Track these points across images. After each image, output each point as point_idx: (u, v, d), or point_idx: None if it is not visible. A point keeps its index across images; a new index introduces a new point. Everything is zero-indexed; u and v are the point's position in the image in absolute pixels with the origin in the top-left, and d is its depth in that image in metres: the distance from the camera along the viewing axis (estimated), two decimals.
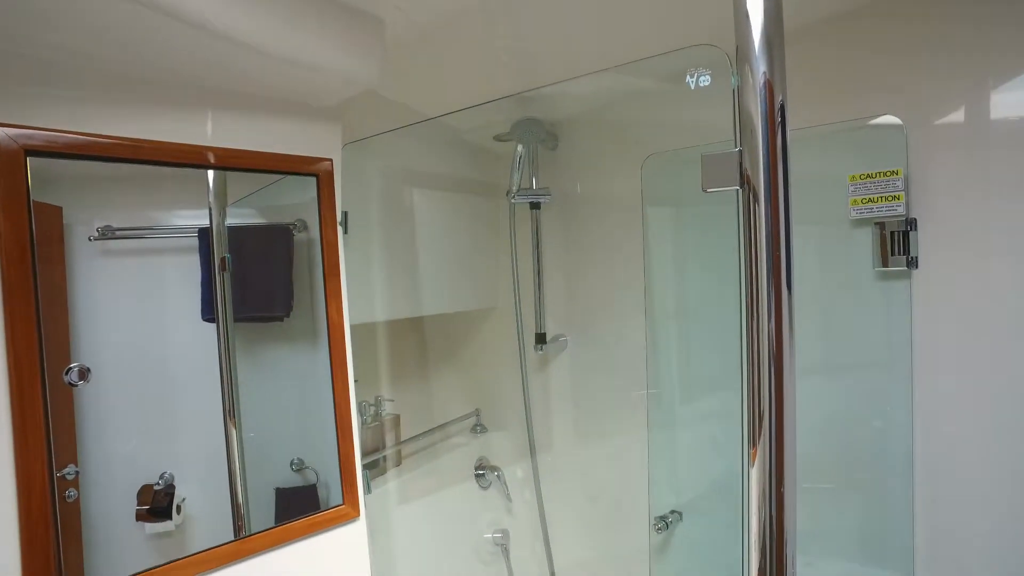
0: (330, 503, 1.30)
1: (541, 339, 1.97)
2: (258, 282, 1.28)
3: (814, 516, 1.52)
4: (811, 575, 1.55)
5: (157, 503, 1.11)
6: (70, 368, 0.97)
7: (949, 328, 1.29)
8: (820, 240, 1.46)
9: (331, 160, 1.33)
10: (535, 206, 1.97)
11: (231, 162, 1.17)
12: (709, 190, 0.70)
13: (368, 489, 1.49)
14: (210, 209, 1.19)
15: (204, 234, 1.19)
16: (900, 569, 1.38)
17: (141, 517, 1.09)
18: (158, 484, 1.11)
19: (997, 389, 1.24)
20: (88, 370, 0.99)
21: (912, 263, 1.28)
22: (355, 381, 1.40)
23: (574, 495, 2.08)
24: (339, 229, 1.35)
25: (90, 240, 1.05)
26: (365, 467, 1.52)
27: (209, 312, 1.19)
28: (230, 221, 1.22)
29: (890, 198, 1.28)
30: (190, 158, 1.11)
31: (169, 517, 1.11)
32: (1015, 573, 1.25)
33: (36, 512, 0.92)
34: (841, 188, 1.35)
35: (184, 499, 1.13)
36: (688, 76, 1.23)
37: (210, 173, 1.17)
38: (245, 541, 1.16)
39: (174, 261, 1.17)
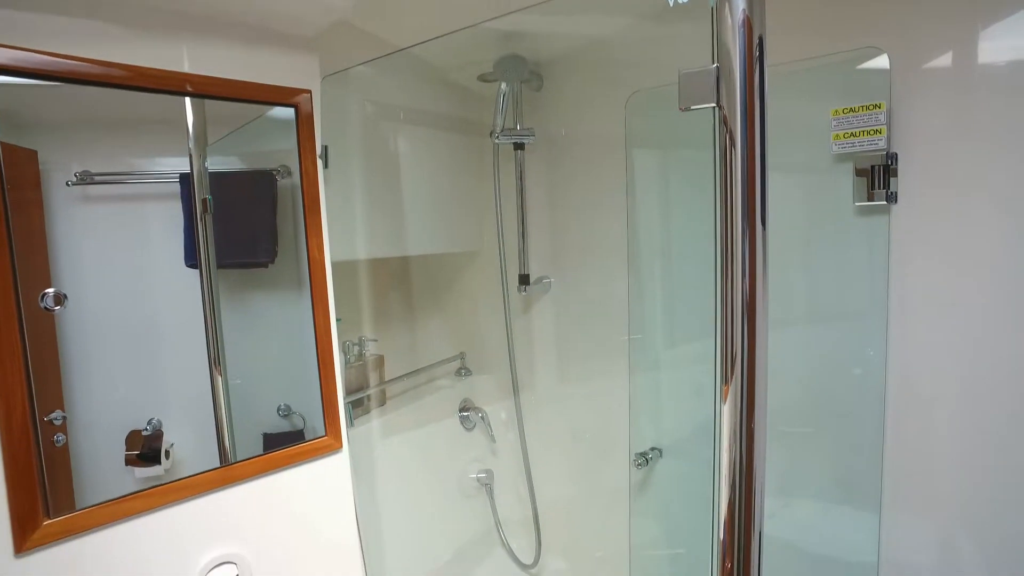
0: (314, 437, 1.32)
1: (524, 280, 1.97)
2: (241, 228, 1.27)
3: (792, 459, 1.56)
4: (787, 514, 1.59)
5: (146, 448, 1.11)
6: (45, 293, 0.97)
7: (926, 268, 1.30)
8: (801, 177, 1.46)
9: (310, 92, 1.31)
10: (519, 147, 1.95)
11: (208, 90, 1.14)
12: (686, 108, 0.69)
13: (351, 423, 1.51)
14: (190, 153, 1.17)
15: (186, 180, 1.17)
16: (869, 508, 1.43)
17: (131, 462, 1.10)
18: (146, 430, 1.12)
19: (970, 331, 1.26)
20: (64, 296, 0.99)
21: (891, 198, 1.29)
22: (337, 320, 1.40)
23: (557, 435, 2.12)
24: (319, 163, 1.34)
25: (68, 185, 1.03)
26: (349, 404, 1.54)
27: (192, 258, 1.18)
28: (212, 167, 1.20)
29: (872, 132, 1.28)
30: (167, 84, 1.09)
31: (158, 462, 1.12)
32: (973, 512, 1.30)
33: (18, 445, 0.92)
34: (824, 124, 1.35)
35: (172, 444, 1.14)
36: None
37: (189, 117, 1.15)
38: (230, 468, 1.18)
39: (156, 207, 1.16)
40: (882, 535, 1.42)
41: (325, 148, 1.37)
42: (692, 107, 0.69)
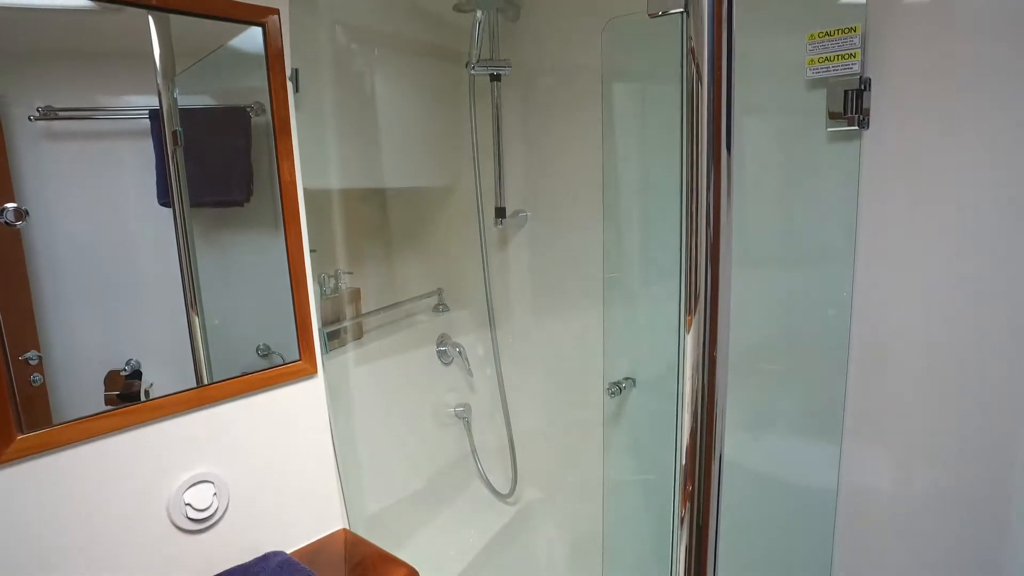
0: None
1: (501, 213, 1.97)
2: (214, 165, 1.24)
3: (762, 396, 1.61)
4: (755, 447, 1.65)
5: (125, 388, 1.11)
6: (4, 208, 0.95)
7: (894, 200, 1.32)
8: (775, 104, 1.46)
9: (277, 11, 1.27)
10: (495, 78, 1.92)
11: (173, 3, 1.11)
12: (655, 14, 0.68)
13: (326, 349, 1.52)
14: (158, 87, 1.13)
15: (156, 116, 1.14)
16: (831, 440, 1.48)
17: (110, 402, 1.09)
18: (124, 370, 1.12)
19: (933, 268, 1.29)
20: (26, 212, 0.97)
21: (863, 123, 1.30)
22: (312, 251, 1.39)
23: (533, 368, 2.15)
24: (289, 85, 1.31)
25: (31, 120, 1.00)
26: (324, 333, 1.54)
27: (165, 196, 1.16)
28: (183, 103, 1.17)
29: (846, 56, 1.28)
30: None
31: (138, 401, 1.12)
32: (926, 443, 1.36)
33: None
34: (799, 50, 1.34)
35: (152, 384, 1.14)
36: None
37: (155, 47, 1.11)
38: (205, 389, 1.18)
39: (127, 145, 1.12)
40: (842, 464, 1.48)
41: (295, 71, 1.34)
42: (661, 12, 0.68)
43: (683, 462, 0.60)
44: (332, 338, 1.71)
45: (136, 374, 1.13)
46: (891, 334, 1.37)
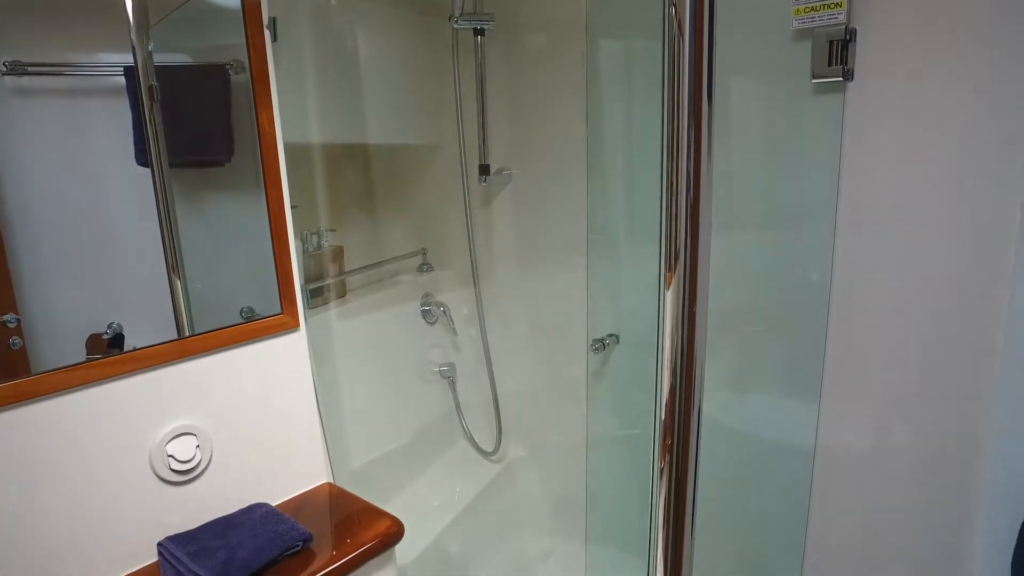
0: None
1: (485, 171, 1.96)
2: (193, 124, 1.21)
3: (745, 356, 1.63)
4: (737, 406, 1.67)
5: (107, 352, 1.10)
6: None
7: (878, 153, 1.32)
8: (760, 56, 1.45)
9: None
10: (479, 32, 1.89)
11: None
12: None
13: (309, 305, 1.51)
14: (132, 42, 1.10)
15: (131, 73, 1.10)
16: (810, 400, 1.51)
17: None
18: (107, 333, 1.10)
19: (918, 221, 1.30)
20: None
21: (848, 75, 1.29)
22: (293, 207, 1.38)
23: (518, 327, 2.15)
24: (267, 34, 1.28)
25: None
26: (307, 289, 1.53)
27: (143, 156, 1.13)
28: (159, 60, 1.13)
29: (832, 6, 1.26)
30: None
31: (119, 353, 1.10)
32: (901, 402, 1.39)
33: None
34: (784, 1, 1.33)
35: (134, 347, 1.12)
36: None
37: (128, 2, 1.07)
38: (185, 341, 1.17)
39: (102, 103, 1.09)
40: (820, 422, 1.51)
41: (273, 20, 1.30)
42: None
43: (662, 417, 0.60)
44: (315, 295, 1.70)
45: (118, 337, 1.11)
46: (870, 294, 1.38)
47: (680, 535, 0.62)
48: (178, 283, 1.19)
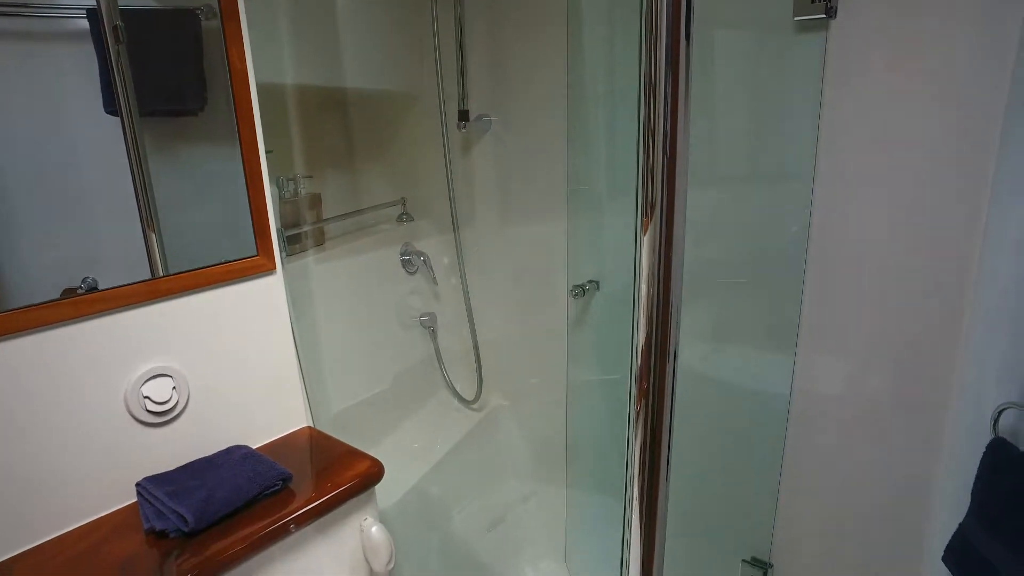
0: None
1: (464, 116, 1.93)
2: (163, 71, 1.16)
3: (726, 308, 1.64)
4: (716, 358, 1.68)
5: None
6: None
7: (858, 99, 1.31)
8: None
9: None
10: None
11: None
12: None
13: (286, 252, 1.49)
14: None
15: (94, 15, 1.05)
16: (786, 351, 1.54)
17: None
18: (80, 288, 1.07)
19: (897, 170, 1.30)
20: None
21: (831, 11, 1.27)
22: (268, 152, 1.35)
23: (498, 276, 2.15)
24: None
25: None
26: (283, 233, 1.51)
27: (112, 103, 1.08)
28: (124, 2, 1.08)
29: None
30: None
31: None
32: (873, 353, 1.42)
33: None
34: None
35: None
36: None
37: None
38: (158, 281, 1.16)
39: (65, 48, 1.03)
40: (795, 372, 1.54)
41: None
42: None
43: (638, 362, 0.61)
44: (292, 242, 1.68)
45: (93, 291, 1.09)
46: (847, 244, 1.39)
47: (656, 476, 0.63)
48: (152, 235, 1.17)
